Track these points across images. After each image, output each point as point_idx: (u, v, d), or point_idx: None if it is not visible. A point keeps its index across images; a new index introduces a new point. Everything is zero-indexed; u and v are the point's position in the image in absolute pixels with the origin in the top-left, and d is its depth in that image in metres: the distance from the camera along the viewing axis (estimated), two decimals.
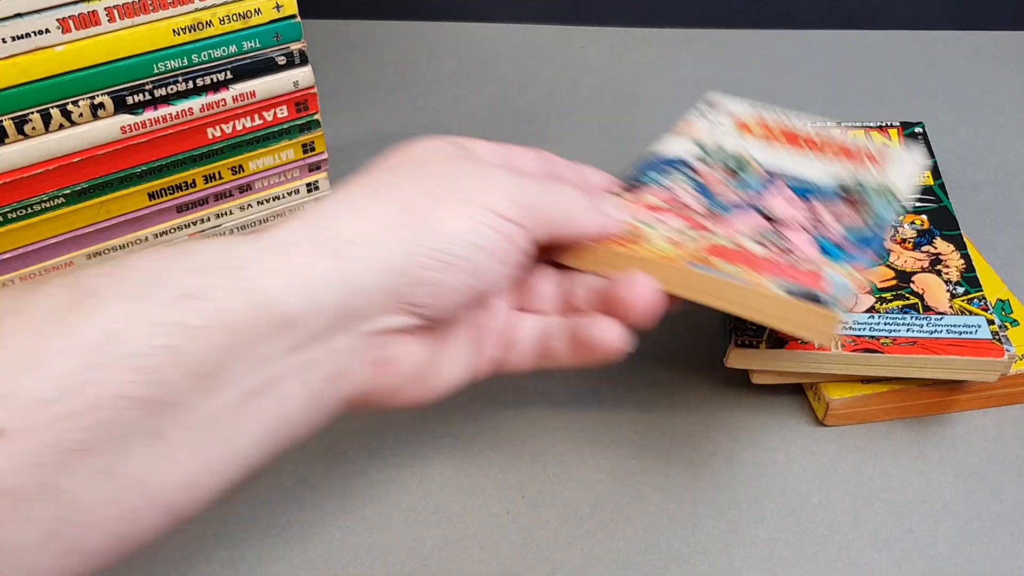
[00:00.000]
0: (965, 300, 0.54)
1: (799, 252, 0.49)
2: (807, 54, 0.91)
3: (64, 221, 0.57)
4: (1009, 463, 0.52)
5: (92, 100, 0.54)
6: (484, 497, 0.51)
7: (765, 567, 0.48)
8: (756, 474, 0.52)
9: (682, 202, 0.52)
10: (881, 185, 0.55)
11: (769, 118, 0.62)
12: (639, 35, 0.95)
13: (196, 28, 0.55)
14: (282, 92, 0.60)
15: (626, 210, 0.51)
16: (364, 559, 0.49)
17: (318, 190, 0.65)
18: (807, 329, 0.45)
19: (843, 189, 0.55)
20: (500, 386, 0.58)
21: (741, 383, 0.57)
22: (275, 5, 0.57)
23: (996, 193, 0.72)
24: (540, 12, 0.98)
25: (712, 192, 0.54)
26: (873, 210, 0.53)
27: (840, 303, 0.45)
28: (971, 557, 0.48)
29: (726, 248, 0.48)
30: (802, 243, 0.49)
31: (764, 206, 0.52)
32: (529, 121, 0.83)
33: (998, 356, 0.51)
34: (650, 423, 0.55)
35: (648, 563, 0.48)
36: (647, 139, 0.80)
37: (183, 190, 0.60)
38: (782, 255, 0.48)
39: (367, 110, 0.85)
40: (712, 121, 0.61)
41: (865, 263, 0.49)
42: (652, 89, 0.87)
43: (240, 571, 0.48)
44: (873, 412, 0.54)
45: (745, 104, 0.64)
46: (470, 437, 0.55)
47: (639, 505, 0.51)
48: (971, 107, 0.82)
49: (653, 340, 0.60)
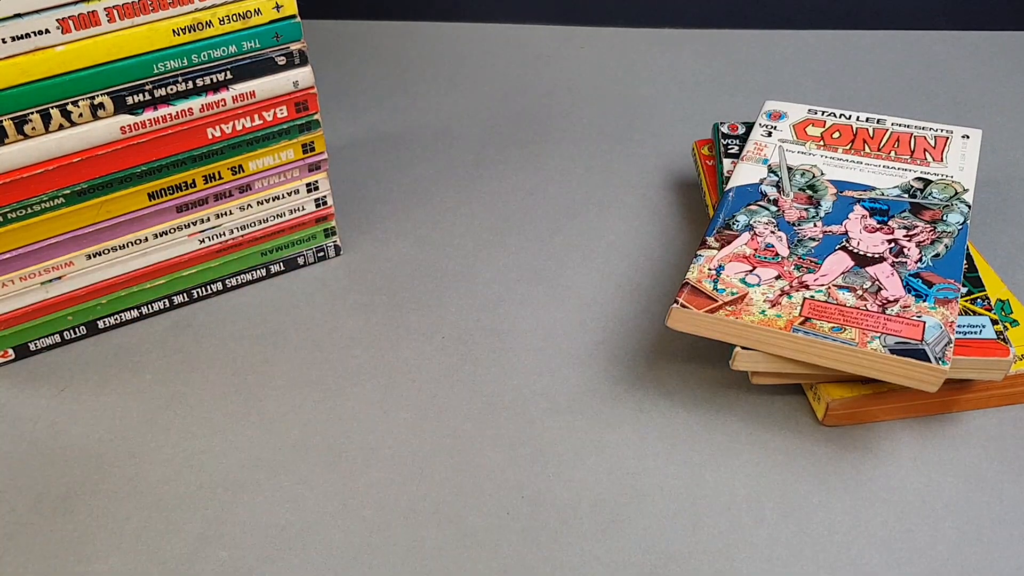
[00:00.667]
0: (968, 300, 0.54)
1: (889, 294, 0.52)
2: (807, 54, 0.91)
3: (64, 221, 0.57)
4: (1009, 463, 0.52)
5: (92, 100, 0.54)
6: (484, 497, 0.51)
7: (765, 567, 0.48)
8: (756, 474, 0.52)
9: (772, 249, 0.55)
10: (945, 183, 0.58)
11: (827, 119, 0.65)
12: (639, 35, 0.95)
13: (196, 28, 0.55)
14: (282, 92, 0.60)
15: (724, 264, 0.55)
16: (364, 559, 0.49)
17: (318, 190, 0.65)
18: (913, 380, 0.48)
19: (911, 196, 0.57)
20: (500, 386, 0.58)
21: (741, 383, 0.57)
22: (275, 5, 0.57)
23: (996, 193, 0.72)
24: (540, 12, 0.98)
25: (795, 229, 0.57)
26: (944, 218, 0.55)
27: (943, 354, 0.48)
28: (971, 557, 0.48)
29: (822, 304, 0.51)
30: (891, 285, 0.52)
31: (848, 242, 0.55)
32: (529, 121, 0.83)
33: (1003, 356, 0.51)
34: (650, 423, 0.55)
35: (648, 563, 0.48)
36: (647, 139, 0.80)
37: (183, 190, 0.60)
38: (875, 301, 0.51)
39: (367, 110, 0.85)
40: (776, 139, 0.64)
41: (950, 296, 0.51)
42: (652, 89, 0.87)
43: (240, 571, 0.48)
44: (873, 412, 0.54)
45: (802, 108, 0.67)
46: (470, 437, 0.55)
47: (639, 505, 0.51)
48: (971, 107, 0.82)
49: (653, 340, 0.60)
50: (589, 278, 0.66)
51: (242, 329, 0.63)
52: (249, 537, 0.50)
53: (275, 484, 0.52)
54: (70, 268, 0.59)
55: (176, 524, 0.51)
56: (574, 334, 0.61)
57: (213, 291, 0.66)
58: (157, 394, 0.58)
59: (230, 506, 0.51)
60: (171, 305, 0.65)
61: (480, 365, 0.59)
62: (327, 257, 0.69)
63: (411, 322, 0.63)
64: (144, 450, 0.55)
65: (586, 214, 0.72)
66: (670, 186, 0.74)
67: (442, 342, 0.61)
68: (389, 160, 0.79)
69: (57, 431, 0.56)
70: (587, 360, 0.59)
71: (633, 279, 0.66)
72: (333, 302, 0.65)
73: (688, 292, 0.54)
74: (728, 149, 0.68)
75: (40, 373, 0.60)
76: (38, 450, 0.55)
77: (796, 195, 0.59)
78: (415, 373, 0.59)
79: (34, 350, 0.61)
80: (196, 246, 0.63)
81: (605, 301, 0.64)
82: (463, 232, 0.71)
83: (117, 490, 0.53)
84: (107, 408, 0.57)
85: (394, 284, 0.66)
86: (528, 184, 0.75)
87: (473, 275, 0.67)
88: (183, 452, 0.55)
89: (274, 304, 0.65)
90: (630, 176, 0.76)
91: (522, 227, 0.71)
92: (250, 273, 0.66)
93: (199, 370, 0.60)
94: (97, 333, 0.63)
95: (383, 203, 0.74)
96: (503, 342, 0.61)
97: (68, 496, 0.52)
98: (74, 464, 0.54)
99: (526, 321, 0.62)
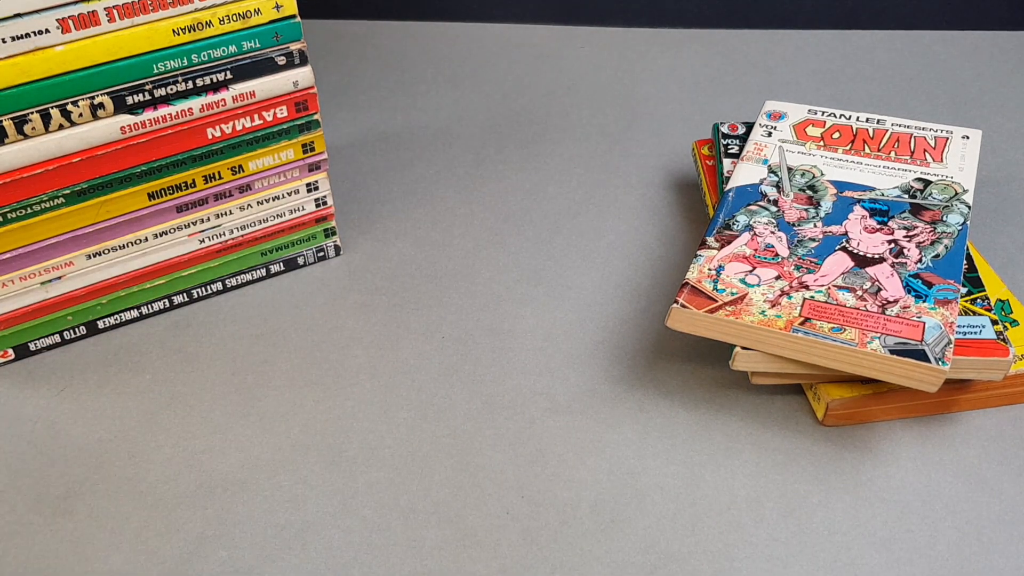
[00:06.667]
0: (968, 300, 0.54)
1: (889, 295, 0.52)
2: (807, 54, 0.91)
3: (64, 221, 0.57)
4: (1009, 463, 0.52)
5: (92, 100, 0.54)
6: (484, 497, 0.51)
7: (765, 567, 0.48)
8: (756, 474, 0.52)
9: (772, 249, 0.55)
10: (945, 183, 0.58)
11: (827, 120, 0.65)
12: (638, 35, 0.95)
13: (196, 28, 0.55)
14: (282, 92, 0.60)
15: (724, 264, 0.55)
16: (364, 559, 0.49)
17: (317, 190, 0.65)
18: (913, 381, 0.48)
19: (911, 196, 0.57)
20: (500, 386, 0.58)
21: (741, 383, 0.57)
22: (275, 5, 0.57)
23: (996, 193, 0.72)
24: (540, 12, 0.98)
25: (795, 229, 0.57)
26: (944, 219, 0.55)
27: (942, 355, 0.48)
28: (971, 557, 0.48)
29: (822, 305, 0.51)
30: (891, 286, 0.52)
31: (848, 243, 0.55)
32: (529, 121, 0.83)
33: (1003, 356, 0.51)
34: (650, 423, 0.55)
35: (648, 563, 0.48)
36: (647, 139, 0.80)
37: (183, 190, 0.60)
38: (874, 301, 0.51)
39: (367, 110, 0.85)
40: (776, 139, 0.64)
41: (950, 296, 0.51)
42: (652, 89, 0.87)
43: (240, 571, 0.48)
44: (873, 412, 0.54)
45: (802, 108, 0.67)
46: (470, 437, 0.55)
47: (639, 505, 0.51)
48: (971, 107, 0.82)
49: (653, 340, 0.60)
50: (589, 278, 0.66)
51: (242, 329, 0.63)
52: (249, 537, 0.50)
53: (275, 484, 0.52)
54: (70, 268, 0.59)
55: (176, 524, 0.51)
56: (574, 334, 0.61)
57: (213, 291, 0.66)
58: (157, 394, 0.58)
59: (230, 506, 0.51)
60: (171, 305, 0.65)
61: (480, 365, 0.59)
62: (327, 257, 0.69)
63: (411, 322, 0.63)
64: (144, 450, 0.55)
65: (586, 214, 0.72)
66: (670, 186, 0.74)
67: (442, 342, 0.61)
68: (389, 160, 0.79)
69: (57, 431, 0.56)
70: (587, 360, 0.59)
71: (633, 279, 0.66)
72: (333, 302, 0.65)
73: (688, 292, 0.54)
74: (728, 149, 0.68)
75: (40, 373, 0.60)
76: (38, 450, 0.55)
77: (796, 195, 0.59)
78: (415, 373, 0.59)
79: (34, 350, 0.61)
80: (196, 246, 0.63)
81: (605, 301, 0.64)
82: (463, 232, 0.71)
83: (117, 490, 0.53)
84: (107, 408, 0.57)
85: (394, 284, 0.66)
86: (528, 184, 0.75)
87: (473, 275, 0.67)
88: (183, 452, 0.55)
89: (274, 304, 0.65)
90: (630, 176, 0.76)
91: (522, 227, 0.71)
92: (250, 273, 0.66)
93: (199, 370, 0.60)
94: (97, 333, 0.63)
95: (383, 203, 0.74)
96: (503, 342, 0.61)
97: (68, 496, 0.52)
98: (74, 464, 0.54)
99: (526, 321, 0.62)
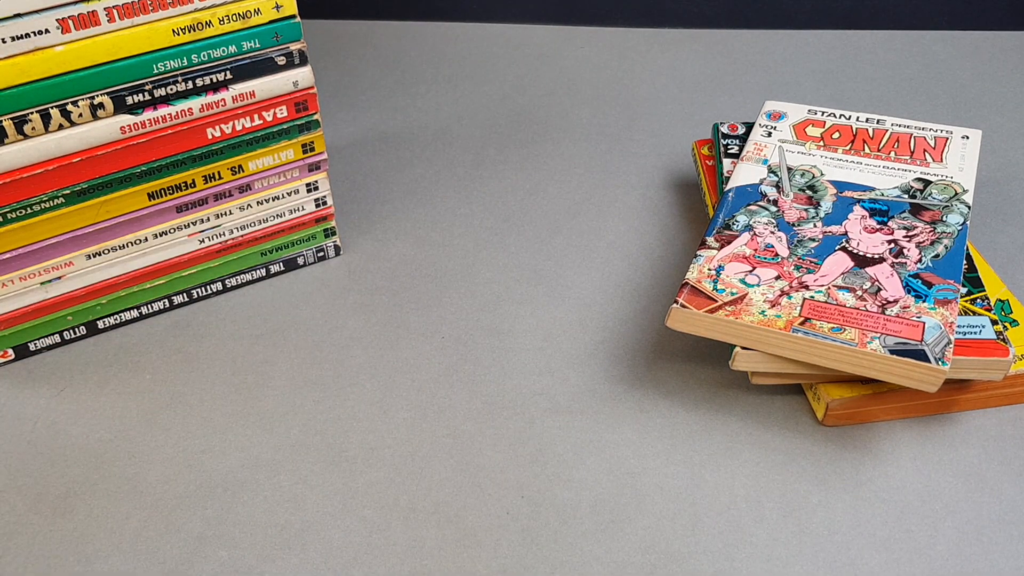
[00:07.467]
0: (968, 300, 0.54)
1: (889, 295, 0.52)
2: (807, 54, 0.91)
3: (64, 221, 0.57)
4: (1009, 463, 0.52)
5: (92, 100, 0.54)
6: (484, 497, 0.51)
7: (765, 567, 0.48)
8: (756, 474, 0.52)
9: (771, 249, 0.55)
10: (945, 183, 0.58)
11: (827, 120, 0.65)
12: (638, 35, 0.95)
13: (196, 28, 0.55)
14: (282, 92, 0.60)
15: (724, 264, 0.55)
16: (364, 559, 0.49)
17: (317, 190, 0.65)
18: (913, 381, 0.48)
19: (911, 197, 0.57)
20: (500, 386, 0.58)
21: (741, 383, 0.57)
22: (275, 5, 0.57)
23: (996, 193, 0.72)
24: (540, 12, 0.98)
25: (795, 229, 0.57)
26: (944, 219, 0.55)
27: (942, 355, 0.48)
28: (971, 557, 0.48)
29: (822, 305, 0.51)
30: (891, 286, 0.52)
31: (848, 243, 0.55)
32: (529, 121, 0.83)
33: (1003, 356, 0.51)
34: (650, 423, 0.55)
35: (648, 563, 0.48)
36: (647, 139, 0.80)
37: (183, 190, 0.60)
38: (874, 301, 0.51)
39: (367, 110, 0.85)
40: (776, 139, 0.64)
41: (950, 296, 0.51)
42: (651, 89, 0.87)
43: (240, 571, 0.48)
44: (873, 412, 0.54)
45: (802, 108, 0.67)
46: (470, 437, 0.55)
47: (639, 505, 0.51)
48: (971, 107, 0.82)
49: (653, 340, 0.60)
50: (589, 278, 0.66)
51: (242, 329, 0.63)
52: (249, 537, 0.50)
53: (275, 484, 0.52)
54: (70, 268, 0.59)
55: (176, 524, 0.51)
56: (574, 334, 0.61)
57: (213, 291, 0.65)
58: (157, 394, 0.58)
59: (230, 506, 0.51)
60: (171, 305, 0.65)
61: (480, 365, 0.59)
62: (327, 257, 0.69)
63: (411, 322, 0.63)
64: (144, 450, 0.55)
65: (586, 214, 0.72)
66: (670, 186, 0.74)
67: (442, 342, 0.61)
68: (389, 160, 0.79)
69: (57, 431, 0.56)
70: (587, 360, 0.59)
71: (633, 279, 0.66)
72: (333, 302, 0.65)
73: (688, 292, 0.54)
74: (728, 149, 0.68)
75: (40, 373, 0.60)
76: (38, 450, 0.55)
77: (796, 195, 0.59)
78: (415, 373, 0.59)
79: (34, 350, 0.61)
80: (196, 246, 0.63)
81: (605, 301, 0.64)
82: (463, 232, 0.71)
83: (117, 490, 0.53)
84: (107, 408, 0.57)
85: (394, 284, 0.66)
86: (528, 184, 0.75)
87: (473, 275, 0.67)
88: (183, 452, 0.55)
89: (274, 304, 0.65)
90: (630, 176, 0.76)
91: (522, 227, 0.71)
92: (250, 273, 0.66)
93: (199, 370, 0.60)
94: (97, 333, 0.63)
95: (383, 203, 0.74)
96: (503, 342, 0.61)
97: (68, 496, 0.52)
98: (74, 464, 0.54)
99: (526, 321, 0.62)
